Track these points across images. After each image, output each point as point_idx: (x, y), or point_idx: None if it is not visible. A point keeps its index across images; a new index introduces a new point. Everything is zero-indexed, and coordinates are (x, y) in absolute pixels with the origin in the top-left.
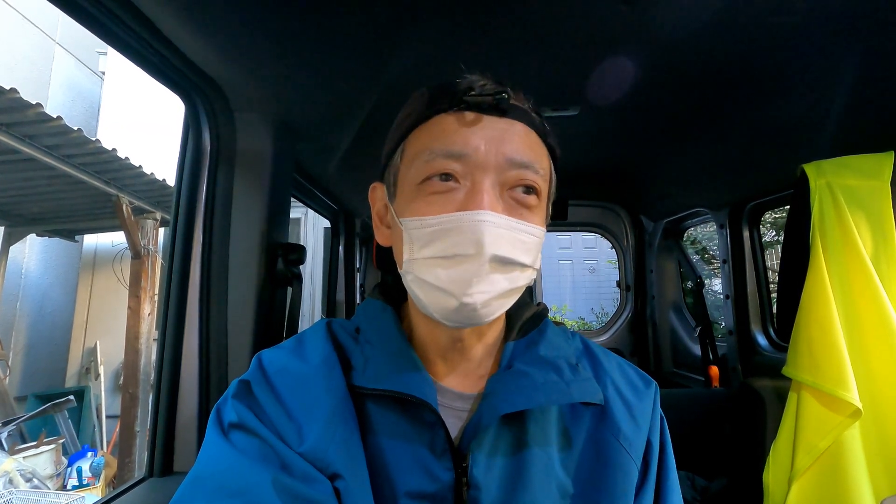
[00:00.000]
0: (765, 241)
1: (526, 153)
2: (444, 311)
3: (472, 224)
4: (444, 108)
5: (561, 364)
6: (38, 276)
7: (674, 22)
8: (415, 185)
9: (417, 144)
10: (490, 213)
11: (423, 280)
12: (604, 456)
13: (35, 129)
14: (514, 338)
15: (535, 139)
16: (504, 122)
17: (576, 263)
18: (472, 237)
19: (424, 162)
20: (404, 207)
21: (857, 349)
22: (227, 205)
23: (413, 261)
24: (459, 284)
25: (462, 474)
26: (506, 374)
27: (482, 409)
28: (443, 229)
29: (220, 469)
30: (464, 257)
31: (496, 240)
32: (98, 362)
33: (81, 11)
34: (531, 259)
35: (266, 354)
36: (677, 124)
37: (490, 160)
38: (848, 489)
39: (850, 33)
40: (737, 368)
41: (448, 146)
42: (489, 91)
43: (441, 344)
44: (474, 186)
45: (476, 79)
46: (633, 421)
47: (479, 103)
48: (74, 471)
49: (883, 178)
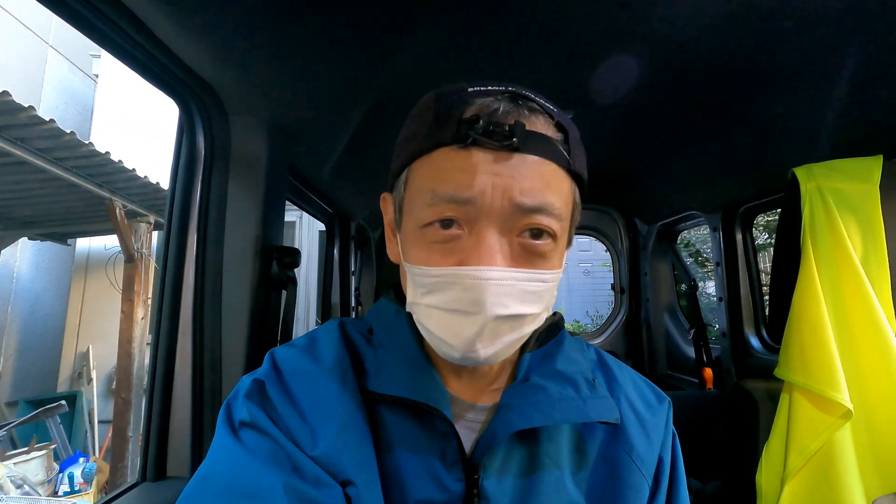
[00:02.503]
0: (757, 243)
1: (537, 196)
2: (448, 357)
3: (474, 282)
4: (448, 142)
5: (578, 379)
6: (30, 279)
7: (669, 26)
8: (417, 227)
9: (421, 180)
10: (494, 269)
11: (426, 327)
12: (616, 473)
13: (27, 132)
14: (531, 349)
15: (553, 171)
16: (516, 158)
17: (570, 266)
18: (473, 296)
19: (426, 205)
20: (408, 249)
21: (848, 351)
22: (222, 208)
23: (416, 305)
24: (461, 340)
25: (473, 486)
26: (522, 388)
27: (496, 423)
28: (444, 282)
29: (230, 469)
30: (465, 314)
31: (500, 298)
32: (90, 367)
33: (75, 14)
34: (542, 306)
35: (280, 353)
36: (671, 128)
37: (496, 205)
38: (840, 489)
39: (844, 37)
40: (730, 370)
41: (451, 191)
42: (498, 127)
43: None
44: (478, 236)
45: (486, 103)
46: (646, 438)
47: (485, 143)
48: (66, 477)
49: (872, 181)
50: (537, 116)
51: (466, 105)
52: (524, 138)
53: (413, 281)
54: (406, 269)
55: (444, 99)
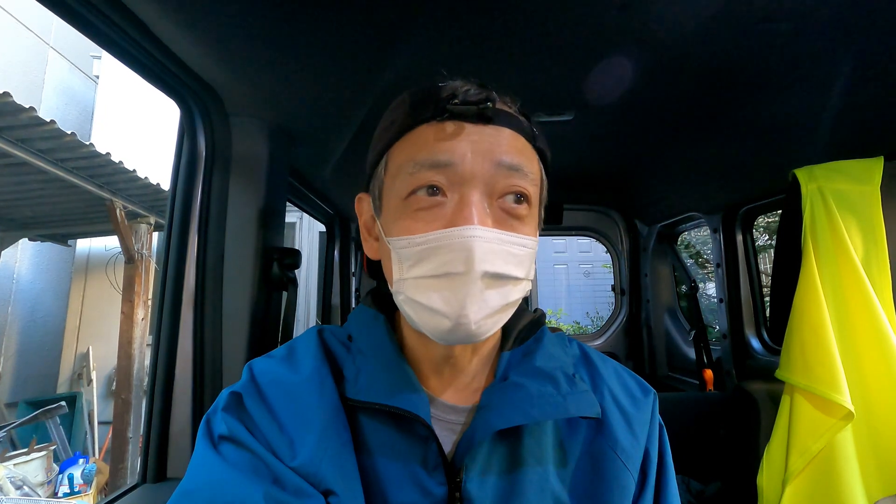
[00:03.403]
0: (758, 245)
1: (515, 157)
2: (438, 332)
3: (462, 241)
4: (427, 118)
5: (557, 375)
6: (31, 280)
7: (668, 28)
8: (400, 199)
9: (401, 156)
10: (479, 227)
11: (415, 301)
12: (600, 469)
13: (28, 133)
14: (510, 347)
15: (524, 143)
16: (490, 128)
17: (571, 267)
18: (461, 254)
19: (409, 174)
20: (391, 225)
21: (849, 352)
22: (223, 209)
23: (403, 281)
24: (452, 305)
25: (455, 489)
26: (501, 387)
27: (476, 424)
28: (431, 247)
29: (211, 482)
30: (455, 275)
31: (487, 255)
32: (90, 368)
33: (76, 15)
34: (524, 272)
35: (257, 364)
36: (671, 129)
37: (477, 168)
38: (841, 491)
39: (842, 39)
40: (731, 372)
41: (433, 156)
42: (473, 99)
43: (434, 358)
44: (462, 199)
45: (459, 84)
46: (630, 432)
47: (462, 112)
48: (66, 478)
49: (873, 182)
50: (503, 100)
51: (441, 88)
52: (496, 112)
53: (397, 256)
54: (389, 247)
55: (420, 90)
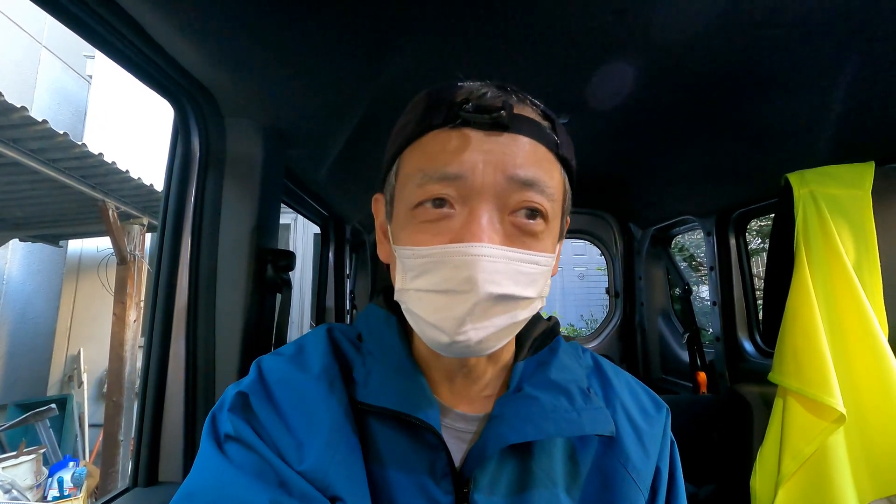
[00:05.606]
0: (751, 248)
1: (530, 170)
2: (437, 346)
3: (465, 259)
4: (439, 124)
5: (572, 389)
6: (21, 281)
7: (665, 31)
8: (408, 209)
9: (411, 164)
10: (486, 245)
11: (415, 313)
12: (611, 487)
13: (20, 133)
14: (525, 356)
15: (544, 153)
16: (505, 137)
17: (565, 270)
18: (464, 273)
19: (417, 186)
20: (399, 232)
21: (841, 355)
22: (216, 210)
23: (405, 291)
24: (450, 322)
25: (462, 499)
26: (514, 398)
27: (487, 436)
28: (435, 262)
29: (215, 485)
30: (456, 293)
31: (493, 275)
32: (81, 370)
33: (69, 15)
34: (536, 291)
35: (266, 362)
36: (665, 133)
37: (489, 181)
38: (833, 494)
39: (836, 45)
40: (724, 374)
41: (442, 167)
42: (487, 106)
43: (448, 366)
44: (471, 214)
45: (475, 87)
46: (642, 448)
47: (475, 120)
48: (55, 481)
49: (864, 187)
50: (524, 103)
51: (457, 90)
52: (513, 118)
53: (402, 265)
54: (395, 255)
55: (436, 91)
